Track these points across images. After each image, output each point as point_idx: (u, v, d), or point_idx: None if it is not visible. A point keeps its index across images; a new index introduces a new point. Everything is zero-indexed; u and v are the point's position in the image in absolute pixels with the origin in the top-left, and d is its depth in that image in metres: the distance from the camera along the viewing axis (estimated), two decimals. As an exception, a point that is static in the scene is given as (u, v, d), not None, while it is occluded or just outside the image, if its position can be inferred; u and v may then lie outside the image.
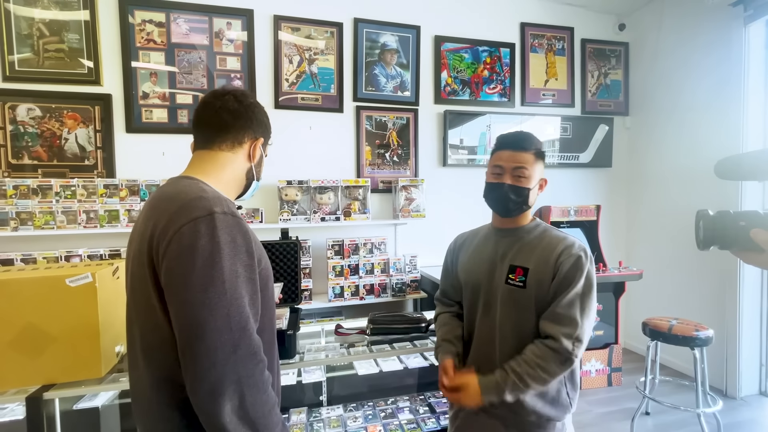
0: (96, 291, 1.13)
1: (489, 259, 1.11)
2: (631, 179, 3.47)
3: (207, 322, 0.64)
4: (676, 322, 2.22)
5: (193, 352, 0.64)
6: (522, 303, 1.03)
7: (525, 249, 1.06)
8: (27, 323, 1.09)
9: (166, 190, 0.76)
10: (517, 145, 1.06)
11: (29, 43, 2.29)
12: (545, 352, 0.96)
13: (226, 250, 0.67)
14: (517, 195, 1.05)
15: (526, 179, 1.04)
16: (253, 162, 0.89)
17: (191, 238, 0.66)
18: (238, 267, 0.68)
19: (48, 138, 2.33)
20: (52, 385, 1.12)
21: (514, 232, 1.10)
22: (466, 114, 3.03)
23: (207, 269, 0.65)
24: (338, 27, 2.74)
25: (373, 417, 1.72)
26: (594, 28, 3.35)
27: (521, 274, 1.03)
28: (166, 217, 0.69)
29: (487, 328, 1.09)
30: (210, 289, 0.65)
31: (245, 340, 0.66)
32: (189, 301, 0.65)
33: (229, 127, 0.84)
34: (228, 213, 0.70)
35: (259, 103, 0.92)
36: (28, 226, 2.16)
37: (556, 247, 1.02)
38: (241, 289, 0.68)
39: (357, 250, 2.61)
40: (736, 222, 0.68)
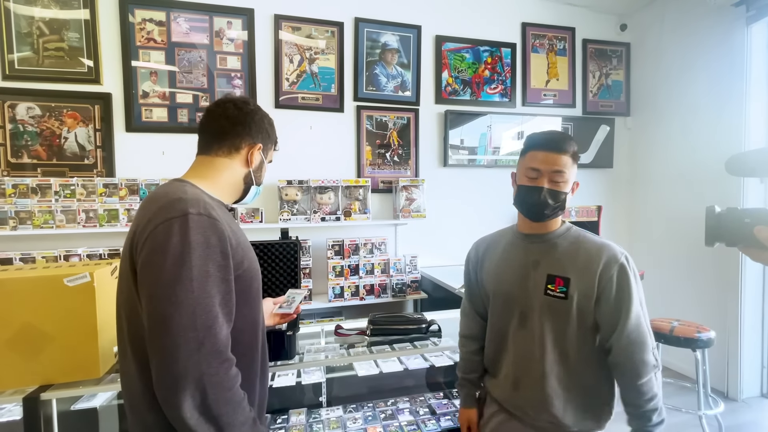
0: (94, 291, 1.12)
1: (520, 267, 1.05)
2: (633, 180, 3.46)
3: (172, 318, 0.66)
4: (677, 324, 2.21)
5: (157, 346, 0.67)
6: (563, 314, 0.98)
7: (563, 258, 1.00)
8: (24, 323, 1.08)
9: (156, 192, 0.80)
10: (555, 147, 0.98)
11: (29, 41, 2.28)
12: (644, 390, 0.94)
13: (198, 250, 0.70)
14: (555, 200, 0.99)
15: (564, 183, 0.98)
16: (251, 167, 0.92)
17: (164, 236, 0.69)
18: (209, 267, 0.71)
19: (48, 137, 2.32)
20: (50, 385, 1.11)
21: (544, 237, 1.04)
22: (466, 114, 3.02)
23: (176, 267, 0.68)
24: (339, 26, 2.74)
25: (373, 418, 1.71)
26: (595, 28, 3.34)
27: (561, 284, 0.97)
28: (147, 217, 0.73)
29: (525, 341, 1.03)
30: (177, 287, 0.67)
31: (210, 339, 0.68)
32: (157, 296, 0.68)
33: (226, 133, 0.89)
34: (204, 214, 0.73)
35: (262, 110, 0.96)
36: (27, 226, 2.16)
37: (599, 257, 0.96)
38: (210, 288, 0.70)
39: (357, 251, 2.60)
40: (741, 219, 0.67)
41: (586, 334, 0.99)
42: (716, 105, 2.78)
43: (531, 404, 1.02)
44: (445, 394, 1.92)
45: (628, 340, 0.94)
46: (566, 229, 1.05)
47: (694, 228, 2.86)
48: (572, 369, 0.99)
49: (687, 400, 2.49)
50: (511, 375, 1.06)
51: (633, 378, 0.94)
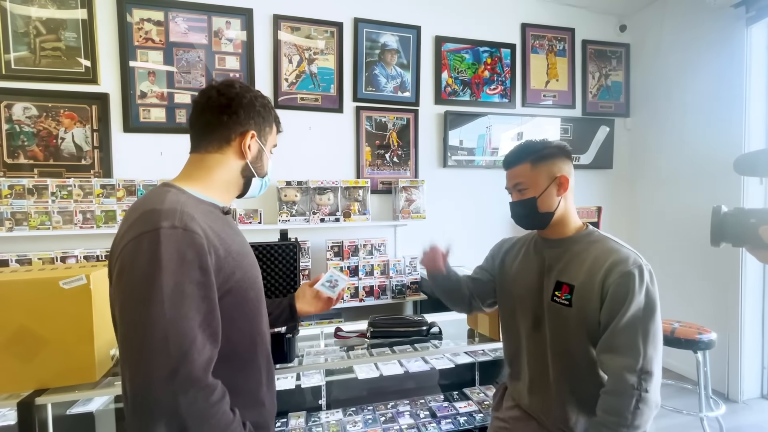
0: (90, 293, 1.10)
1: (537, 271, 1.04)
2: (632, 181, 3.46)
3: (143, 345, 0.61)
4: (678, 325, 2.20)
5: (128, 374, 0.62)
6: (570, 323, 0.95)
7: (573, 263, 0.97)
8: (19, 326, 1.06)
9: (138, 200, 0.76)
10: (509, 164, 1.05)
11: (26, 41, 2.26)
12: (612, 405, 0.86)
13: (170, 267, 0.63)
14: (525, 207, 1.01)
15: (528, 189, 1.00)
16: (248, 158, 0.84)
17: (132, 254, 0.64)
18: (185, 286, 0.64)
19: (44, 137, 2.30)
20: (45, 389, 1.09)
21: (560, 242, 1.02)
22: (466, 115, 3.01)
23: (145, 288, 0.62)
24: (338, 27, 2.73)
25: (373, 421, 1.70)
26: (595, 29, 3.34)
27: (567, 291, 0.95)
28: (121, 232, 0.69)
29: (538, 345, 1.03)
30: (146, 310, 0.61)
31: (186, 365, 0.62)
32: (125, 320, 0.63)
33: (212, 125, 0.81)
34: (178, 227, 0.66)
35: (252, 90, 0.84)
36: (24, 227, 2.14)
37: (605, 262, 0.91)
38: (187, 309, 0.64)
39: (357, 252, 2.59)
40: (747, 219, 0.66)
41: (594, 343, 0.94)
42: (716, 106, 2.78)
43: (543, 409, 1.02)
44: (445, 397, 1.91)
45: (609, 347, 0.88)
46: (586, 234, 1.02)
47: (695, 229, 2.85)
48: (582, 378, 0.96)
49: (687, 401, 2.48)
50: (527, 377, 1.06)
51: (608, 386, 0.88)
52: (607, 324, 0.90)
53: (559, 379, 0.99)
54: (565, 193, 1.00)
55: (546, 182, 0.99)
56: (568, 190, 1.01)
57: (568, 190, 1.00)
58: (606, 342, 0.89)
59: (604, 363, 0.90)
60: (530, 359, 1.06)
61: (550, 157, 1.00)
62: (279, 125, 0.92)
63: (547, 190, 0.99)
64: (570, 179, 1.01)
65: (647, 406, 0.84)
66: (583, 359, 0.96)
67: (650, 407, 0.85)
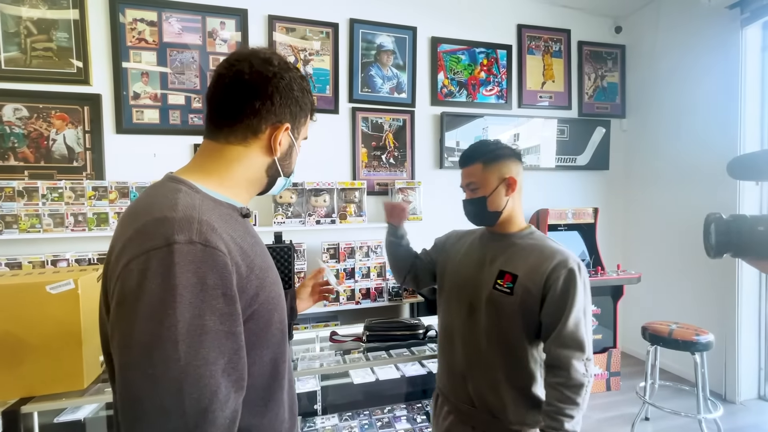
0: (78, 298, 1.08)
1: (478, 261, 1.11)
2: (629, 181, 3.46)
3: (149, 399, 0.46)
4: (676, 327, 2.20)
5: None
6: (507, 309, 1.01)
7: (516, 255, 1.05)
8: (4, 332, 1.03)
9: (140, 201, 0.59)
10: (462, 163, 1.11)
11: (16, 41, 2.23)
12: (566, 395, 0.95)
13: (187, 297, 0.49)
14: (475, 206, 1.08)
15: (479, 189, 1.07)
16: (277, 155, 0.68)
17: (137, 278, 0.49)
18: (206, 320, 0.50)
19: (35, 139, 2.27)
20: (32, 397, 1.07)
21: (505, 237, 1.10)
22: (462, 116, 3.00)
23: (153, 324, 0.47)
24: (334, 27, 2.71)
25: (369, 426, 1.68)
26: (590, 30, 3.35)
27: (509, 280, 1.02)
28: (121, 243, 0.53)
29: (472, 331, 1.08)
30: (155, 354, 0.47)
31: (205, 428, 0.48)
32: (128, 367, 0.48)
33: (238, 110, 0.64)
34: (197, 242, 0.51)
35: (291, 70, 0.67)
36: (13, 230, 2.10)
37: (550, 259, 1.00)
38: (208, 352, 0.49)
39: (353, 254, 2.57)
40: (754, 227, 0.62)
41: (530, 332, 1.02)
42: (711, 107, 2.78)
43: (478, 395, 1.06)
44: (442, 401, 1.89)
45: (562, 343, 0.96)
46: (529, 232, 1.10)
47: (691, 230, 2.85)
48: (517, 364, 1.03)
49: (685, 403, 2.48)
50: (461, 366, 1.09)
51: (559, 379, 0.96)
52: (555, 320, 0.97)
53: (493, 365, 1.03)
54: (512, 194, 1.07)
55: (496, 182, 1.06)
56: (516, 191, 1.07)
57: (515, 191, 1.07)
58: (557, 338, 0.97)
59: (557, 356, 0.97)
60: (465, 347, 1.09)
61: (501, 159, 1.07)
62: (313, 114, 0.75)
63: (497, 190, 1.06)
64: (518, 181, 1.07)
65: (587, 389, 0.96)
66: (519, 346, 1.02)
67: (588, 388, 0.97)
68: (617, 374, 2.85)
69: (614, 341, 2.89)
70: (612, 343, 2.88)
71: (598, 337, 2.86)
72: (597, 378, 2.81)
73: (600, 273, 2.79)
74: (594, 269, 2.87)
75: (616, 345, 2.88)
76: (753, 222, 0.62)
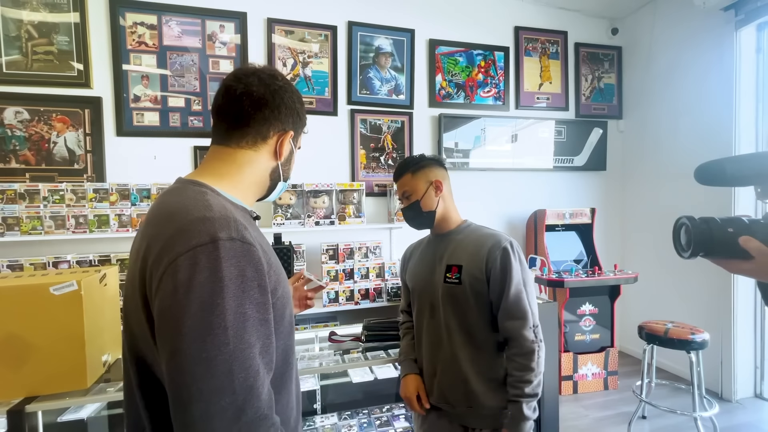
0: (81, 299, 1.09)
1: (430, 263, 1.21)
2: (626, 182, 3.49)
3: (203, 380, 0.52)
4: (671, 326, 2.22)
5: (185, 420, 0.52)
6: (460, 298, 1.11)
7: (458, 248, 1.16)
8: (8, 333, 1.05)
9: (168, 202, 0.63)
10: (395, 178, 1.24)
11: (17, 45, 2.25)
12: (521, 363, 1.05)
13: (231, 288, 0.54)
14: (412, 210, 1.20)
15: (412, 195, 1.20)
16: (280, 160, 0.75)
17: (188, 272, 0.53)
18: (246, 308, 0.56)
19: (36, 141, 2.29)
20: (35, 397, 1.08)
21: (447, 235, 1.21)
22: (460, 117, 3.03)
23: (205, 313, 0.53)
24: (332, 30, 2.73)
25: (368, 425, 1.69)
26: (587, 32, 3.37)
27: (456, 271, 1.12)
28: (161, 242, 0.57)
29: (435, 329, 1.16)
30: (208, 339, 0.52)
31: (252, 402, 0.54)
32: (181, 351, 0.52)
33: (251, 118, 0.70)
34: (236, 239, 0.57)
35: (291, 85, 0.77)
36: (15, 232, 2.11)
37: (484, 243, 1.12)
38: (249, 336, 0.55)
39: (352, 255, 2.59)
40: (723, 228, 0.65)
41: (486, 315, 1.12)
42: (706, 107, 2.81)
43: (450, 390, 1.13)
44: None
45: (509, 315, 1.07)
46: (465, 226, 1.22)
47: (687, 230, 2.87)
48: (480, 349, 1.12)
49: (682, 401, 2.50)
50: (428, 364, 1.18)
51: (513, 350, 1.07)
52: (500, 296, 1.08)
53: (458, 356, 1.11)
54: (441, 194, 1.19)
55: (424, 186, 1.19)
56: (444, 192, 1.20)
57: (443, 191, 1.20)
58: (503, 311, 1.08)
59: (507, 329, 1.08)
60: (427, 345, 1.18)
61: (426, 167, 1.20)
62: (306, 126, 0.84)
63: (427, 192, 1.19)
64: (444, 183, 1.20)
65: (542, 350, 1.07)
66: (479, 331, 1.12)
67: (543, 350, 1.07)
68: (614, 373, 2.87)
69: (611, 340, 2.91)
70: (609, 343, 2.90)
71: (596, 336, 2.89)
72: (595, 377, 2.83)
73: (597, 273, 2.81)
74: (591, 269, 2.89)
75: (614, 344, 2.90)
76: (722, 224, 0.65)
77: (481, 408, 1.10)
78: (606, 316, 2.92)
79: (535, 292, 1.13)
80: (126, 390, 0.68)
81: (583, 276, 2.77)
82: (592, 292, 2.86)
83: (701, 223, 0.67)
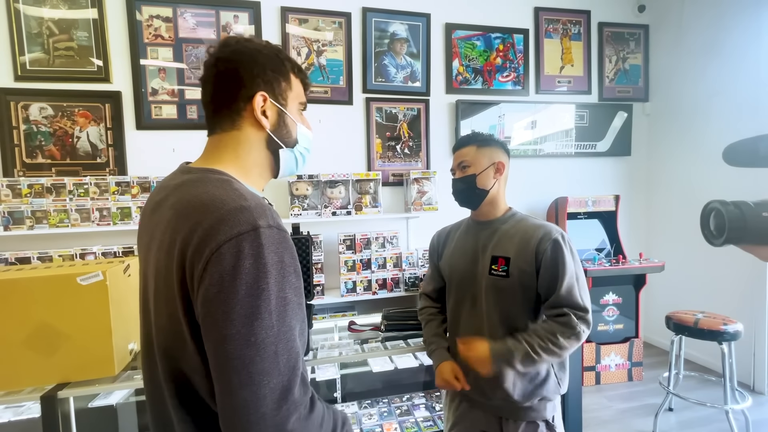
0: (107, 289, 1.12)
1: (471, 252, 1.16)
2: (652, 168, 3.35)
3: (253, 363, 0.53)
4: (702, 316, 2.13)
5: (235, 403, 0.54)
6: (507, 292, 1.07)
7: (504, 239, 1.11)
8: (40, 322, 1.08)
9: (196, 194, 0.61)
10: (457, 147, 1.20)
11: (39, 41, 2.30)
12: (554, 327, 1.01)
13: (273, 273, 0.56)
14: (465, 182, 1.15)
15: (470, 167, 1.14)
16: (269, 128, 0.69)
17: (233, 259, 0.54)
18: (287, 292, 0.57)
19: (60, 137, 2.34)
20: (67, 383, 1.12)
21: (491, 223, 1.16)
22: (478, 103, 2.95)
23: (252, 299, 0.54)
24: (346, 17, 2.69)
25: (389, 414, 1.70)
26: (612, 10, 3.22)
27: (503, 264, 1.07)
28: (200, 232, 0.56)
29: (474, 321, 1.13)
30: (256, 324, 0.54)
31: (296, 381, 0.56)
32: (231, 337, 0.53)
33: (216, 99, 0.68)
34: (274, 227, 0.58)
35: (254, 41, 0.70)
36: (44, 225, 2.18)
37: (534, 235, 1.07)
38: (291, 319, 0.57)
39: (369, 245, 2.58)
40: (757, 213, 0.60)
41: (531, 309, 1.08)
42: (740, 89, 2.65)
43: (487, 381, 1.08)
44: (460, 389, 1.89)
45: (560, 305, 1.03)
46: (511, 215, 1.17)
47: (718, 216, 2.75)
48: None
49: (711, 393, 2.42)
50: None
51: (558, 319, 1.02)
52: (551, 289, 1.03)
53: None
54: (500, 177, 1.15)
55: (486, 163, 1.14)
56: (503, 177, 1.16)
57: (502, 175, 1.16)
58: (554, 301, 1.03)
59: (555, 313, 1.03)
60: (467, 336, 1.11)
61: (494, 145, 1.16)
62: (302, 74, 0.75)
63: (486, 170, 1.14)
64: (506, 168, 1.16)
65: (575, 342, 1.00)
66: (522, 323, 1.07)
67: (576, 344, 1.01)
68: (639, 364, 2.79)
69: (636, 331, 2.83)
70: (634, 333, 2.83)
71: (620, 326, 2.81)
72: (618, 368, 2.77)
73: (621, 262, 2.72)
74: (615, 258, 2.81)
75: (638, 335, 2.83)
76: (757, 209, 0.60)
77: (516, 403, 1.07)
78: (630, 305, 2.84)
79: (586, 285, 1.07)
80: (149, 384, 0.67)
81: (606, 265, 2.69)
82: (616, 282, 2.78)
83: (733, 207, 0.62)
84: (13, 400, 1.13)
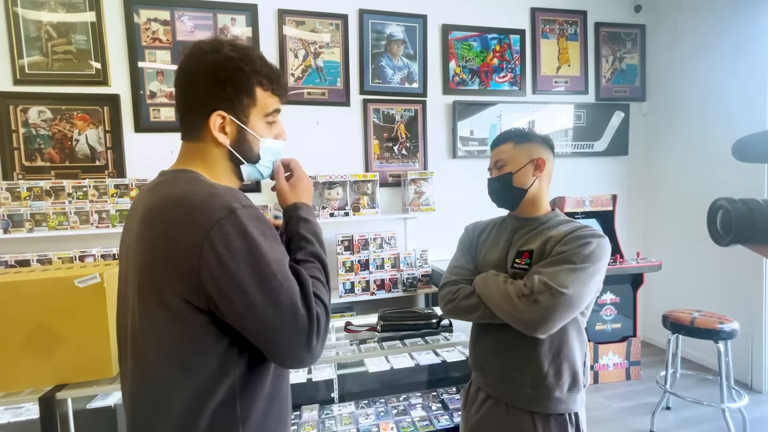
0: (105, 291, 1.13)
1: (504, 247, 1.09)
2: (649, 167, 3.36)
3: (275, 321, 0.61)
4: (698, 315, 2.14)
5: (278, 353, 0.64)
6: None
7: (535, 235, 1.04)
8: (38, 324, 1.09)
9: (168, 191, 0.64)
10: (495, 143, 1.11)
11: (38, 45, 2.31)
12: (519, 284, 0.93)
13: (262, 243, 0.62)
14: (500, 182, 1.07)
15: (506, 166, 1.06)
16: (229, 143, 0.70)
17: (223, 242, 0.59)
18: (279, 255, 0.64)
19: (59, 139, 2.36)
20: (65, 384, 1.13)
21: (530, 221, 1.08)
22: (475, 104, 2.96)
23: (254, 269, 0.60)
24: (343, 19, 2.70)
25: (386, 414, 1.71)
26: (608, 10, 3.23)
27: (527, 257, 1.01)
28: (181, 226, 0.60)
29: None
30: (266, 288, 0.61)
31: (313, 319, 0.64)
32: (250, 306, 0.60)
33: (183, 108, 0.70)
34: (248, 206, 0.64)
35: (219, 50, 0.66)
36: (43, 227, 2.20)
37: (565, 229, 0.98)
38: (288, 273, 0.64)
39: (367, 246, 2.59)
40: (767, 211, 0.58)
41: None
42: (737, 89, 2.66)
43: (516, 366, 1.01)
44: (457, 389, 1.90)
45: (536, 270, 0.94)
46: (554, 215, 1.08)
47: (715, 215, 2.75)
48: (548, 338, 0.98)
49: (708, 392, 2.43)
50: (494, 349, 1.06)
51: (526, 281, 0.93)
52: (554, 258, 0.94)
53: (519, 344, 0.99)
54: (540, 175, 1.05)
55: (524, 160, 1.05)
56: (544, 174, 1.06)
57: (543, 172, 1.06)
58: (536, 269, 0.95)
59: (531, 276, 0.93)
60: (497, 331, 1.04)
61: (533, 141, 1.07)
62: (273, 84, 0.71)
63: (524, 168, 1.05)
64: (548, 164, 1.06)
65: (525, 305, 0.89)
66: None
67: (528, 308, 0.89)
68: (637, 363, 2.80)
69: (634, 330, 2.84)
70: (632, 332, 2.83)
71: (618, 326, 2.82)
72: (616, 367, 2.78)
73: (619, 261, 2.73)
74: (613, 257, 2.82)
75: (636, 334, 2.83)
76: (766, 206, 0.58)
77: (545, 391, 0.99)
78: (628, 305, 2.85)
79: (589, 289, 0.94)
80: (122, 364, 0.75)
81: (603, 264, 2.70)
82: (614, 281, 2.79)
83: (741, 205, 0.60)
84: (11, 401, 1.14)
